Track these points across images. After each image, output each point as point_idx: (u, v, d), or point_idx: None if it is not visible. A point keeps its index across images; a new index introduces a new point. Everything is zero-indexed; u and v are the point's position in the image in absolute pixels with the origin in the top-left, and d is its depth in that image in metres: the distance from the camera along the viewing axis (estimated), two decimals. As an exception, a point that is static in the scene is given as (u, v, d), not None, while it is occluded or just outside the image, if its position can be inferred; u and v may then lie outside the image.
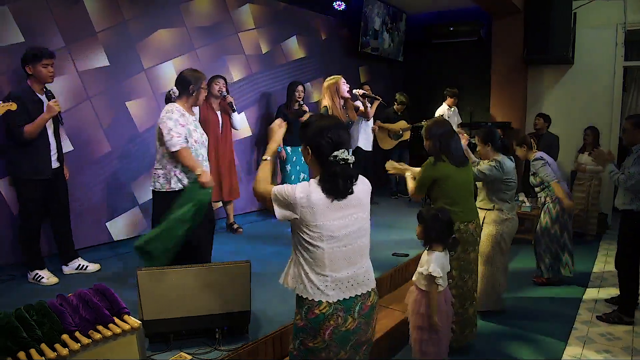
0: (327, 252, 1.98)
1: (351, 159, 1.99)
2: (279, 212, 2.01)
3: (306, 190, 1.97)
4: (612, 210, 7.08)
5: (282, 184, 5.92)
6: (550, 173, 4.58)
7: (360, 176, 2.10)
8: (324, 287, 1.98)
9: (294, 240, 2.06)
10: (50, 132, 3.84)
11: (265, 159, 2.24)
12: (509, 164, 3.95)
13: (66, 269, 4.16)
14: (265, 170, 2.19)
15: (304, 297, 2.01)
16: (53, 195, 3.95)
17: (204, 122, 4.97)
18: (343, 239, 2.00)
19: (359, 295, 2.04)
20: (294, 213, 1.97)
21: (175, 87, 3.54)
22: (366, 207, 2.12)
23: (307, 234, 1.98)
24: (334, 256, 1.99)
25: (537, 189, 4.90)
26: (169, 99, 3.73)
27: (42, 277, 3.87)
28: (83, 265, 4.21)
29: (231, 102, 5.08)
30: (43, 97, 3.78)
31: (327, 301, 1.98)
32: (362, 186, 2.11)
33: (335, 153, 1.97)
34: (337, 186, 1.97)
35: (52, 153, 3.86)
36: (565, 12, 6.97)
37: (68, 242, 4.17)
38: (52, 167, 3.87)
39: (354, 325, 2.02)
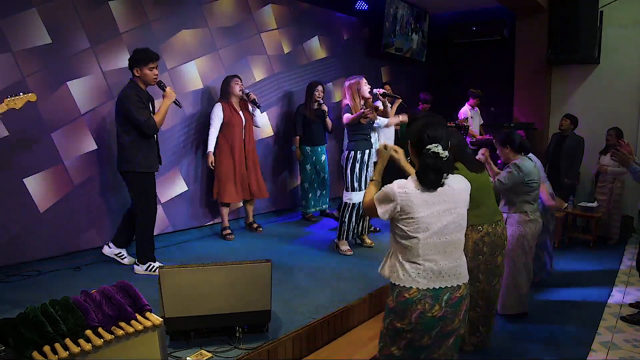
0: (422, 242, 2.15)
1: (443, 153, 2.12)
2: (381, 209, 2.20)
3: (403, 185, 2.17)
4: (638, 213, 6.93)
5: (301, 183, 5.98)
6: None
7: (460, 176, 2.30)
8: (416, 274, 2.16)
9: (392, 234, 2.27)
10: None
11: (373, 180, 2.47)
12: (528, 164, 3.85)
13: (106, 251, 4.27)
14: (371, 190, 2.40)
15: (396, 283, 2.21)
16: None
17: (229, 123, 5.02)
18: (438, 231, 2.16)
19: (449, 287, 2.18)
20: (396, 205, 2.14)
21: None
22: (463, 204, 2.26)
23: (405, 226, 2.16)
24: (428, 247, 2.16)
25: None
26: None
27: (156, 268, 4.03)
28: (122, 255, 4.29)
29: (254, 98, 5.14)
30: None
31: (416, 287, 2.15)
32: (461, 184, 2.28)
33: (428, 146, 2.11)
34: (427, 177, 2.13)
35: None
36: (592, 10, 6.84)
37: (129, 236, 4.28)
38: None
39: (440, 313, 2.16)
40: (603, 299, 4.62)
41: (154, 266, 4.10)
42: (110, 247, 4.28)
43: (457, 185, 2.25)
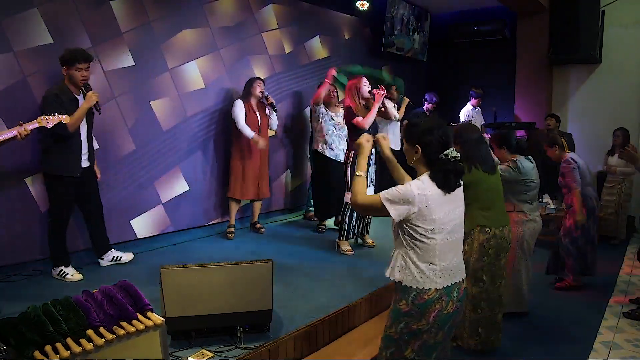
0: (439, 243, 2.17)
1: (457, 155, 2.17)
2: (395, 210, 2.13)
3: (421, 186, 2.14)
4: (640, 214, 6.93)
5: (312, 180, 5.97)
6: (577, 180, 4.48)
7: None
8: (433, 275, 2.17)
9: (402, 235, 2.21)
10: (83, 131, 3.92)
11: (360, 175, 2.37)
12: (526, 164, 3.86)
13: (103, 262, 4.30)
14: (361, 185, 2.35)
15: (413, 286, 2.18)
16: (85, 194, 4.06)
17: (246, 123, 5.11)
18: (451, 230, 2.20)
19: (457, 282, 2.25)
20: (413, 207, 2.11)
21: None
22: (463, 202, 2.33)
23: (422, 227, 2.14)
24: (443, 246, 2.18)
25: (564, 190, 4.80)
26: None
27: (67, 274, 3.94)
28: (117, 257, 4.34)
29: (272, 102, 5.31)
30: (80, 97, 3.88)
31: (435, 288, 2.17)
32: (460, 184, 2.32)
33: (447, 152, 2.15)
34: (449, 181, 2.17)
35: (83, 152, 3.94)
36: (593, 10, 6.83)
37: (103, 239, 4.30)
38: (82, 167, 3.95)
39: (453, 308, 2.22)
40: (605, 299, 4.61)
41: (65, 272, 3.94)
42: (103, 260, 4.31)
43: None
